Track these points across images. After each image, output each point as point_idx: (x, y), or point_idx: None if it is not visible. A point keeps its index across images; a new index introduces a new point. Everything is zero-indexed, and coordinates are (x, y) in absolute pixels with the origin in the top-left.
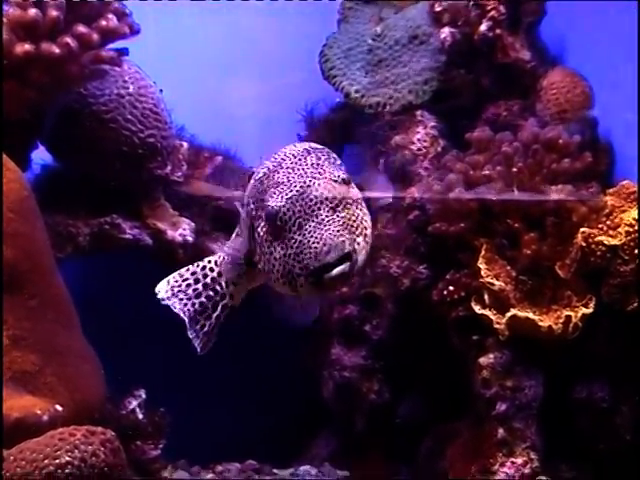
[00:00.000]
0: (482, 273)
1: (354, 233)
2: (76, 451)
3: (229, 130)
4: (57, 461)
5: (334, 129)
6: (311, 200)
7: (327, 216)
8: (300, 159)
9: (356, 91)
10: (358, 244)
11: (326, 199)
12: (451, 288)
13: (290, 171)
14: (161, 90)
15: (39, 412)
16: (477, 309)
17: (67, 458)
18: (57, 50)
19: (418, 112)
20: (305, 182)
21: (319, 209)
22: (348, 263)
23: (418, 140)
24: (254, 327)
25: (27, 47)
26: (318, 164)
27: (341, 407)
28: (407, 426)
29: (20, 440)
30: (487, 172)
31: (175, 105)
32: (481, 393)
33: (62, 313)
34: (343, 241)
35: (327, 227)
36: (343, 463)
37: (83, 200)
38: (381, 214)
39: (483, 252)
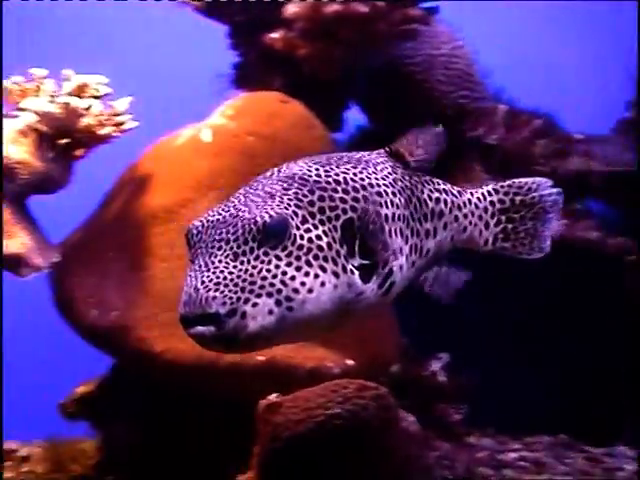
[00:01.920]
0: None
1: (249, 291)
2: (347, 403)
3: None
4: (328, 411)
5: None
6: (220, 233)
7: (219, 260)
8: (269, 178)
9: None
10: (254, 305)
11: (235, 239)
12: None
13: (247, 190)
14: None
15: (331, 365)
16: None
17: (337, 409)
18: (365, 9)
19: None
20: (238, 210)
21: (219, 248)
22: (212, 327)
23: None
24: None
25: (336, 7)
26: (271, 194)
27: None
28: None
29: None
30: None
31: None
32: None
33: None
34: (209, 298)
35: (204, 274)
36: None
37: None
38: None
39: None
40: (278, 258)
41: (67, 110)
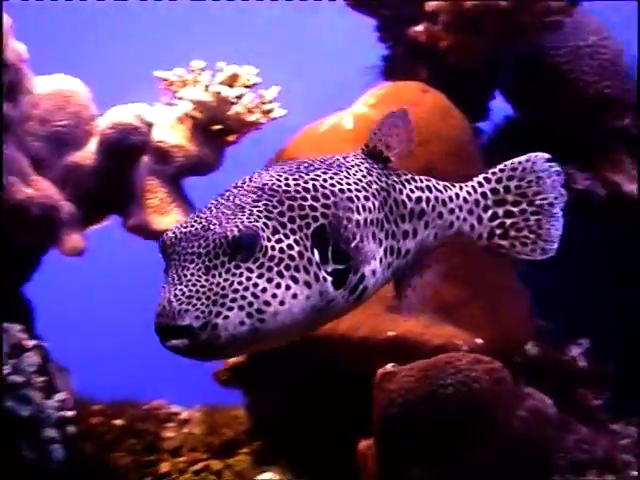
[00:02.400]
0: None
1: (221, 305)
2: (459, 375)
3: None
4: (440, 381)
5: None
6: (192, 247)
7: (191, 273)
8: (240, 188)
9: None
10: (226, 318)
11: (207, 253)
12: None
13: (218, 200)
14: None
15: (459, 342)
16: None
17: (449, 380)
18: (504, 2)
19: None
20: (209, 223)
21: (191, 261)
22: (185, 340)
23: None
24: None
25: (474, 1)
26: (241, 207)
27: None
28: None
29: None
30: None
31: None
32: None
33: None
34: (181, 311)
35: (177, 286)
36: None
37: (539, 150)
38: None
39: None
40: (249, 270)
41: (219, 99)
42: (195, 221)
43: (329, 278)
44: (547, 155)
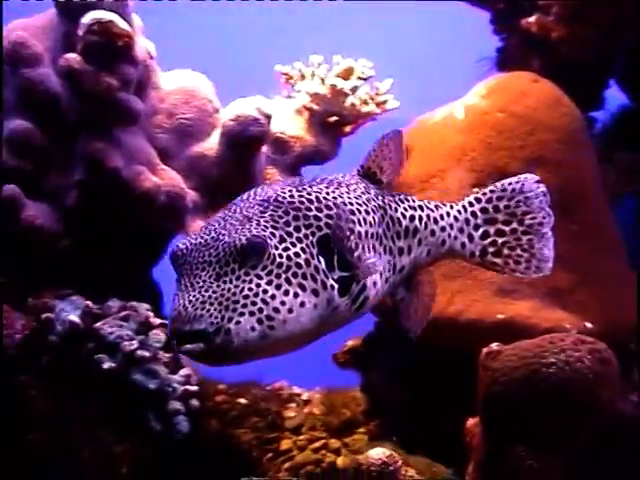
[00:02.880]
0: None
1: (233, 310)
2: (562, 354)
3: None
4: (543, 360)
5: None
6: (203, 256)
7: (203, 280)
8: (246, 201)
9: None
10: (238, 323)
11: (218, 261)
12: None
13: (226, 214)
14: None
15: (568, 326)
16: None
17: (552, 359)
18: None
19: None
20: (218, 234)
21: (203, 270)
22: (201, 344)
23: None
24: None
25: None
26: (248, 218)
27: None
28: None
29: None
30: None
31: None
32: None
33: (603, 239)
34: (196, 316)
35: (190, 293)
36: None
37: None
38: None
39: None
40: (259, 277)
41: (335, 91)
42: (205, 233)
43: (336, 286)
44: (536, 177)
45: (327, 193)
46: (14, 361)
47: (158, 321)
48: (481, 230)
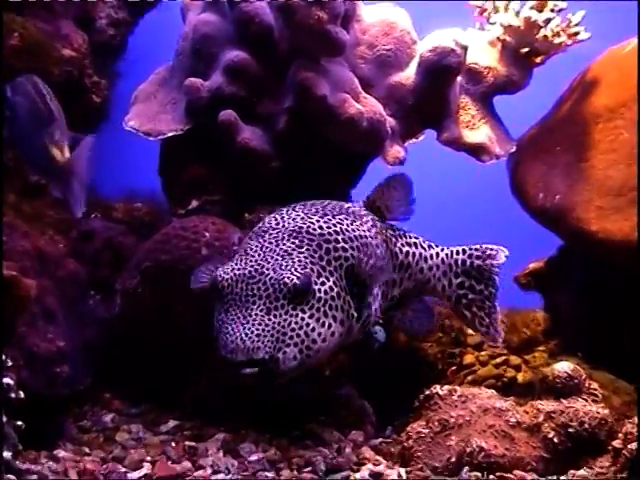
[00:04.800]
0: None
1: (282, 342)
2: None
3: None
4: None
5: None
6: (252, 289)
7: (256, 314)
8: (276, 229)
9: None
10: (284, 353)
11: (267, 296)
12: None
13: (262, 242)
14: None
15: None
16: None
17: None
18: None
19: None
20: (262, 267)
21: (253, 303)
22: (256, 369)
23: None
24: None
25: None
26: (288, 252)
27: None
28: None
29: None
30: None
31: None
32: None
33: None
34: (254, 348)
35: (245, 325)
36: None
37: None
38: None
39: None
40: (303, 312)
41: (528, 23)
42: (247, 263)
43: (355, 315)
44: (507, 252)
45: (348, 225)
46: None
47: None
48: (459, 279)
